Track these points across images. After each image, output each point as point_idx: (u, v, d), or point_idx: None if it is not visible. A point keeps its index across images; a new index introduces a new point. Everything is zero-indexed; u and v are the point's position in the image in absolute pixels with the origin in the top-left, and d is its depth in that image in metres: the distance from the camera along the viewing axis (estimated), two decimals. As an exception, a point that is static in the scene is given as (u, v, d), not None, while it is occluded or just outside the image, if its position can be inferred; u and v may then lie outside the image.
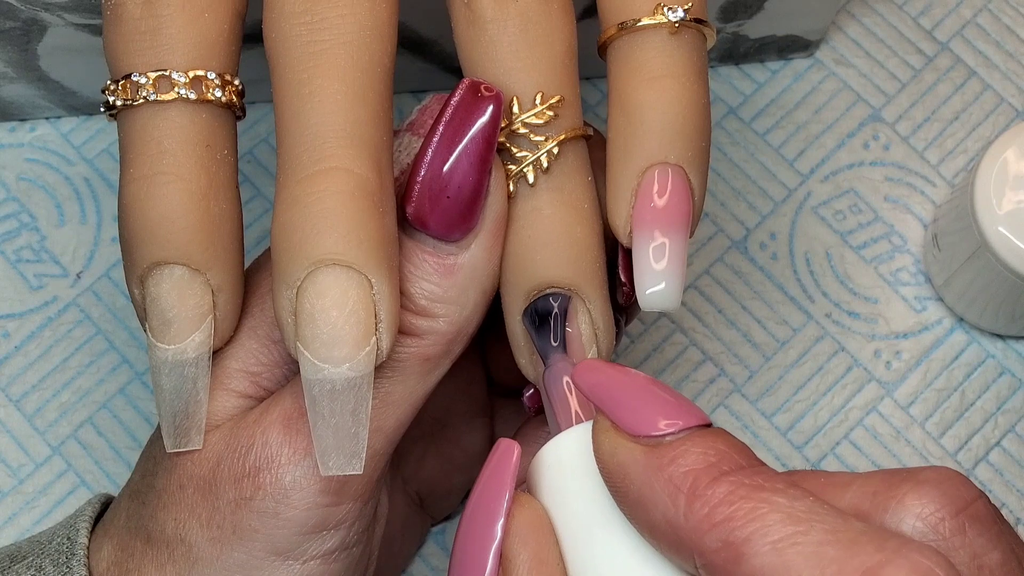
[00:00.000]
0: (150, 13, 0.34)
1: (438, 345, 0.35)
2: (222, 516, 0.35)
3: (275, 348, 0.36)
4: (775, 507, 0.28)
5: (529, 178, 0.35)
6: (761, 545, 0.27)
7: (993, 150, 0.45)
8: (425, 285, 0.35)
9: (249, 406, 0.36)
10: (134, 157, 0.34)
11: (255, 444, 0.34)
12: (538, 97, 0.35)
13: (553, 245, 0.35)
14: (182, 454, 0.35)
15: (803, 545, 0.27)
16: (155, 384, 0.35)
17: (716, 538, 0.28)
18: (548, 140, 0.35)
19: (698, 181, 0.35)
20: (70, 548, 0.36)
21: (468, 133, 0.34)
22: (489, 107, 0.34)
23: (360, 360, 0.32)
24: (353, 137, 0.33)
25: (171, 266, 0.34)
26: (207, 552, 0.35)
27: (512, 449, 0.33)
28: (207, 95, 0.34)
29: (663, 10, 0.34)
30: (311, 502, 0.34)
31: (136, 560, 0.36)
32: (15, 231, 0.51)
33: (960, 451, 0.49)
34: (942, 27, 0.53)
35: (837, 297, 0.50)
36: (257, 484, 0.34)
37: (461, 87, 0.34)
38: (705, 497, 0.28)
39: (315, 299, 0.32)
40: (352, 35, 0.33)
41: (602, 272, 0.36)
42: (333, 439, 0.33)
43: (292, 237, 0.32)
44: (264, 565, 0.35)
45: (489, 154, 0.34)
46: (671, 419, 0.30)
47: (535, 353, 0.36)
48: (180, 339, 0.34)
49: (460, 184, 0.34)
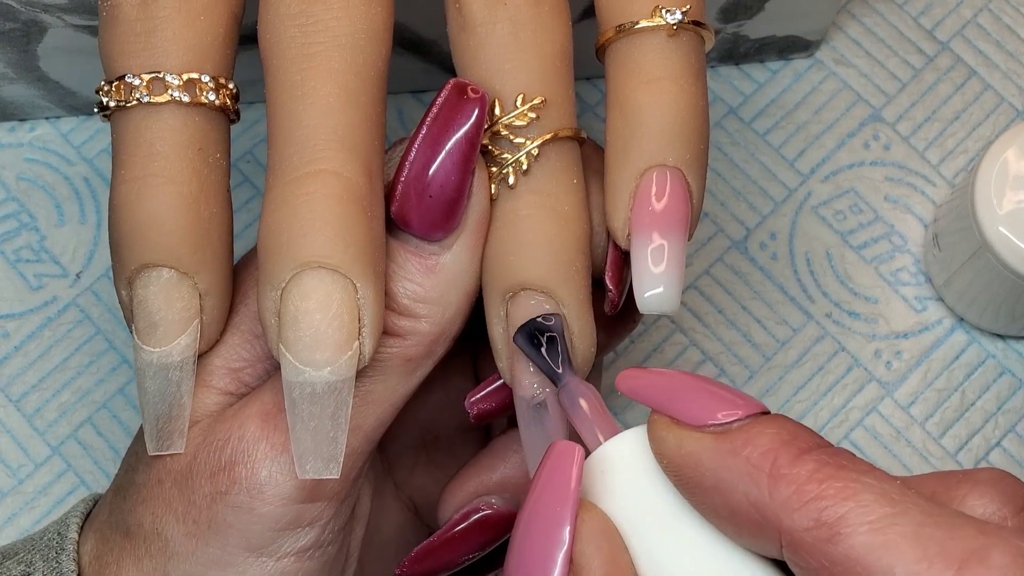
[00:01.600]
0: (146, 15, 0.34)
1: (420, 346, 0.35)
2: (198, 510, 0.35)
3: (257, 343, 0.36)
4: (867, 487, 0.27)
5: (510, 180, 0.35)
6: (859, 525, 0.27)
7: (993, 150, 0.45)
8: (408, 285, 0.35)
9: (229, 403, 0.36)
10: (126, 158, 0.34)
11: (231, 438, 0.34)
12: (519, 99, 0.35)
13: (527, 247, 0.35)
14: None
15: (902, 526, 0.26)
16: (139, 386, 0.35)
17: (807, 516, 0.27)
18: (528, 142, 0.35)
19: (696, 183, 0.35)
20: (60, 543, 0.37)
21: (452, 134, 0.34)
22: (474, 109, 0.34)
23: (342, 364, 0.32)
24: (344, 140, 0.33)
25: (159, 269, 0.34)
26: (183, 546, 0.35)
27: (573, 451, 0.32)
28: (201, 98, 0.34)
29: (661, 12, 0.34)
30: (285, 498, 0.34)
31: (115, 554, 0.36)
32: (15, 231, 0.51)
33: (960, 451, 0.49)
34: (942, 27, 0.53)
35: (837, 297, 0.50)
36: (232, 478, 0.34)
37: (447, 88, 0.34)
38: (791, 476, 0.28)
39: (299, 301, 0.32)
40: (346, 37, 0.33)
41: (580, 276, 0.35)
42: (312, 442, 0.33)
43: (279, 238, 0.32)
44: (238, 561, 0.35)
45: (472, 155, 0.34)
46: (730, 409, 0.30)
47: (512, 357, 0.36)
48: (166, 342, 0.34)
49: (443, 184, 0.34)
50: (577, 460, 0.32)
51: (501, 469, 0.40)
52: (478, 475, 0.40)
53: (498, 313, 0.36)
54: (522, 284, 0.35)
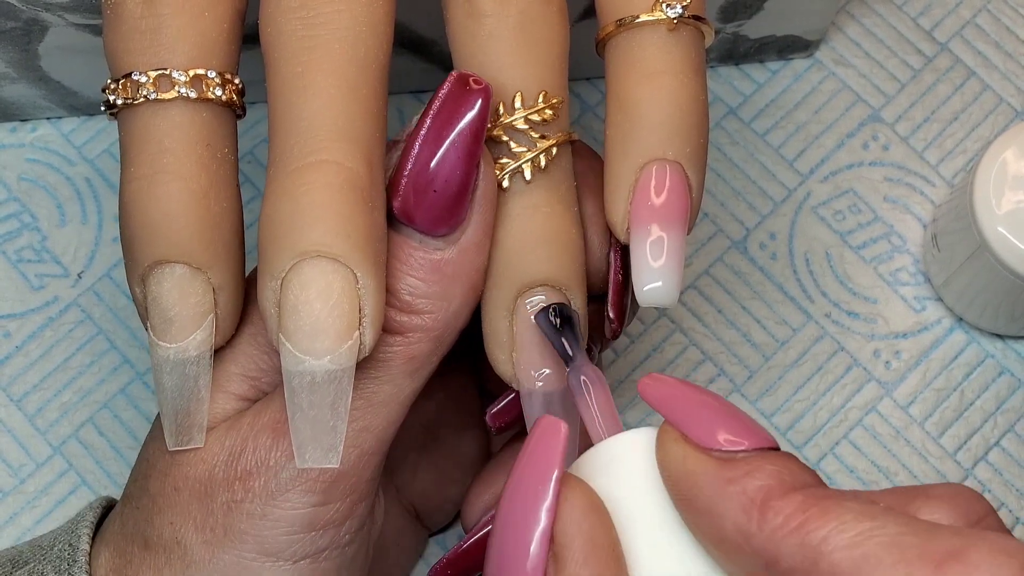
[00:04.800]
0: (150, 12, 0.34)
1: (423, 343, 0.35)
2: (215, 519, 0.35)
3: (274, 355, 0.36)
4: (847, 509, 0.28)
5: (526, 175, 0.35)
6: (839, 541, 0.27)
7: (992, 150, 0.45)
8: (411, 280, 0.34)
9: (246, 408, 0.36)
10: (135, 156, 0.34)
11: (246, 449, 0.34)
12: (541, 96, 0.35)
13: (550, 243, 0.35)
14: (177, 456, 0.35)
15: (881, 537, 0.27)
16: (157, 383, 0.35)
17: (792, 543, 0.28)
18: (546, 139, 0.35)
19: (696, 177, 0.35)
20: (71, 555, 0.36)
21: (456, 126, 0.34)
22: (478, 100, 0.34)
23: (342, 353, 0.32)
24: (345, 131, 0.32)
25: (172, 265, 0.34)
26: (200, 554, 0.35)
27: (559, 427, 0.32)
28: (207, 94, 0.34)
29: (661, 7, 0.34)
30: (299, 502, 0.34)
31: (135, 566, 0.36)
32: (16, 231, 0.51)
33: (959, 451, 0.49)
34: (941, 27, 0.53)
35: (837, 297, 0.50)
36: (247, 487, 0.34)
37: (450, 79, 0.34)
38: (778, 507, 0.28)
39: (299, 290, 0.32)
40: (348, 30, 0.33)
41: (584, 277, 0.36)
42: (311, 432, 0.33)
43: (279, 228, 0.32)
44: (255, 566, 0.35)
45: (477, 148, 0.34)
46: (741, 437, 0.30)
47: (520, 349, 0.36)
48: (181, 338, 0.34)
49: (447, 178, 0.34)
50: (562, 436, 0.32)
51: None
52: (502, 476, 0.40)
53: (507, 306, 0.35)
54: (543, 280, 0.35)
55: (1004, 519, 0.48)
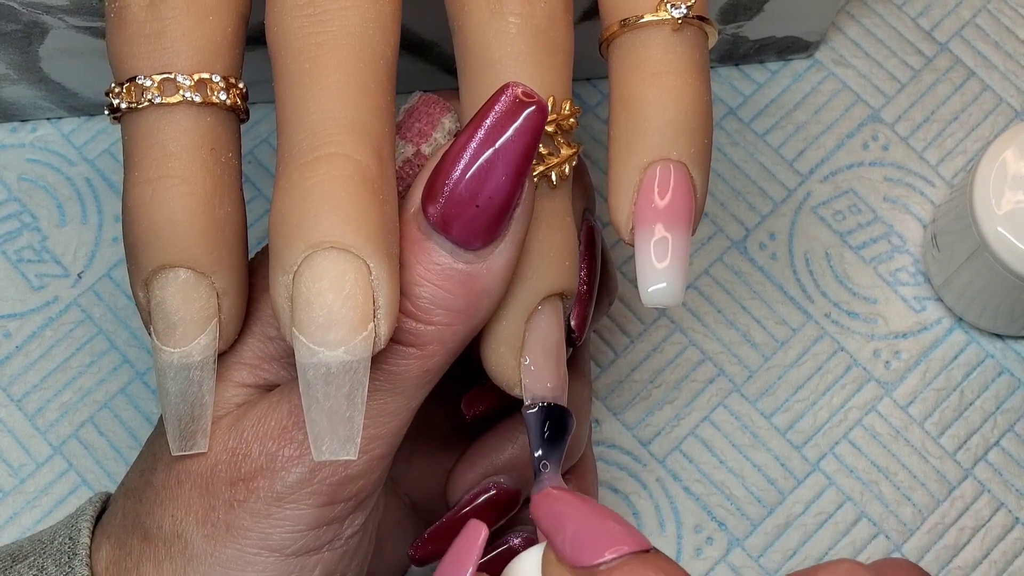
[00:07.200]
0: (154, 16, 0.34)
1: (439, 356, 0.34)
2: (217, 514, 0.35)
3: (271, 344, 0.36)
4: None
5: (553, 180, 0.34)
6: None
7: (992, 150, 0.45)
8: (433, 290, 0.33)
9: (249, 395, 0.36)
10: (139, 160, 0.34)
11: (252, 451, 0.34)
12: (567, 105, 0.34)
13: (573, 253, 0.35)
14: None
15: None
16: (160, 388, 0.35)
17: None
18: (570, 147, 0.35)
19: (700, 178, 0.35)
20: (72, 548, 0.36)
21: (509, 143, 0.32)
22: (535, 118, 0.33)
23: (357, 344, 0.32)
24: (354, 125, 0.32)
25: (176, 269, 0.34)
26: (201, 548, 0.35)
27: (480, 530, 0.33)
28: (212, 98, 0.34)
29: (666, 7, 0.34)
30: (305, 504, 0.34)
31: (134, 558, 0.36)
32: (16, 231, 0.51)
33: (959, 451, 0.49)
34: (941, 28, 0.53)
35: (836, 297, 0.50)
36: (251, 488, 0.34)
37: (506, 93, 0.33)
38: None
39: (311, 282, 0.31)
40: (355, 26, 0.33)
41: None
42: (327, 423, 0.32)
43: (290, 221, 0.32)
44: (257, 560, 0.35)
45: (526, 166, 0.33)
46: (615, 546, 0.31)
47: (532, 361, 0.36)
48: (185, 342, 0.34)
49: (491, 195, 0.33)
50: (480, 540, 0.33)
51: (509, 450, 0.40)
52: (486, 456, 0.41)
53: (524, 312, 0.35)
54: (561, 290, 0.35)
55: (1004, 519, 0.48)
